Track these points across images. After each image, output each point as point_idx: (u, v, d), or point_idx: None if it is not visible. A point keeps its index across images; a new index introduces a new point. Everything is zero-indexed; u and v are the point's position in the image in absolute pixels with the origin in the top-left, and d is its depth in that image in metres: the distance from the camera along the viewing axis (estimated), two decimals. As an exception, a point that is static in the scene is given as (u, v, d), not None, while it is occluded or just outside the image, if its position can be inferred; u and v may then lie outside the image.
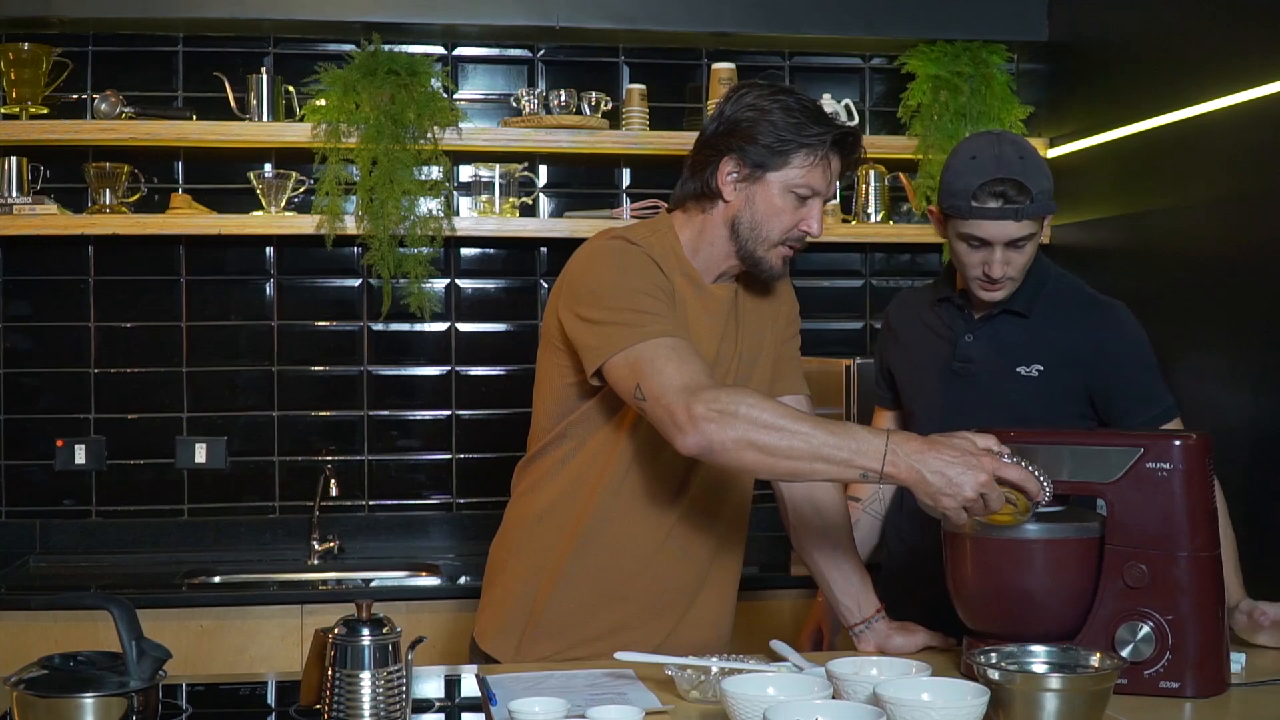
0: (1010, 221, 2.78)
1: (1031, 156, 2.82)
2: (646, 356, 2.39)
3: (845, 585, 2.78)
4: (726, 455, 2.29)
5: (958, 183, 2.81)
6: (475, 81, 4.77)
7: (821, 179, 2.56)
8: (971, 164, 2.81)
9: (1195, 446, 2.30)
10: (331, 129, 4.34)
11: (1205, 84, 3.76)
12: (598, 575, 2.63)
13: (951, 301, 3.02)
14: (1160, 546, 2.30)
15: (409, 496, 4.72)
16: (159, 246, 4.56)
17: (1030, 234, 2.81)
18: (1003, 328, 2.94)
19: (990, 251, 2.82)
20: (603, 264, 2.55)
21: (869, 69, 4.97)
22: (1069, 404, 2.90)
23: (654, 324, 2.43)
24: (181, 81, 4.58)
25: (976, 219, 2.78)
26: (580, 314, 2.51)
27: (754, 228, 2.58)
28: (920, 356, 3.06)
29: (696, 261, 2.64)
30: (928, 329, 3.06)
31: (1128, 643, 2.30)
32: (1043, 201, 2.79)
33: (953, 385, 2.97)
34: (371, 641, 2.05)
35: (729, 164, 2.58)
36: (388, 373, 4.73)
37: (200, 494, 4.61)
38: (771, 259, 2.60)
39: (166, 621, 3.78)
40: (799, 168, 2.55)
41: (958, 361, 2.97)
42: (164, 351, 4.61)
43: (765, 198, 2.56)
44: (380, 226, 4.37)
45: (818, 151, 2.54)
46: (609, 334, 2.45)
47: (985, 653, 2.22)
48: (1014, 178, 2.77)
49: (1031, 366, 2.90)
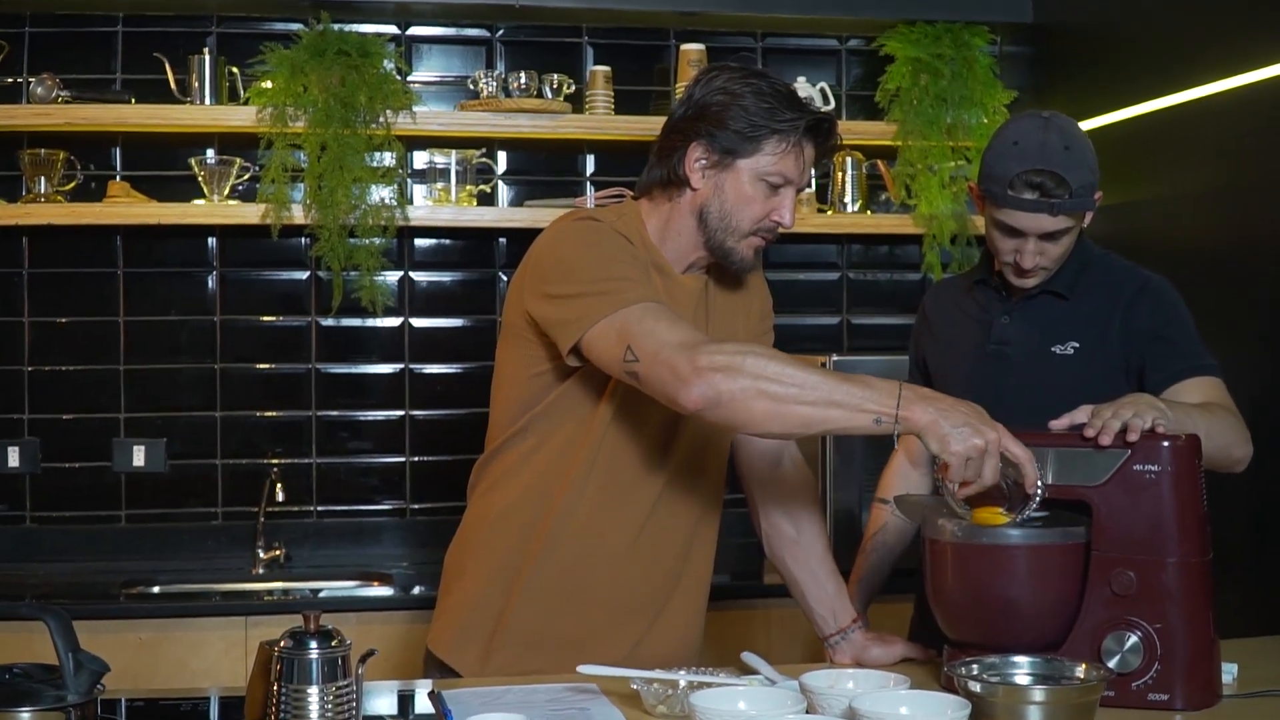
0: (1045, 215, 2.76)
1: (1078, 146, 2.80)
2: (634, 318, 2.39)
3: (819, 593, 2.79)
4: (735, 406, 2.29)
5: (996, 167, 2.80)
6: (430, 63, 4.77)
7: (795, 167, 2.57)
8: (1013, 149, 2.79)
9: (1184, 448, 2.32)
10: (278, 113, 4.33)
11: (1198, 67, 3.78)
12: (563, 579, 2.63)
13: (988, 284, 3.02)
14: (1148, 552, 2.31)
15: (360, 502, 4.72)
16: (95, 237, 4.55)
17: (1066, 228, 2.80)
18: (1041, 308, 2.94)
19: (1023, 241, 2.81)
20: (572, 241, 2.56)
21: (845, 51, 4.98)
22: (1105, 383, 2.85)
23: (636, 290, 2.44)
24: (121, 63, 4.56)
25: (1010, 209, 2.77)
26: (551, 292, 2.51)
27: (723, 217, 2.59)
28: (953, 341, 3.05)
29: (665, 251, 2.65)
30: (962, 314, 3.06)
31: (1114, 653, 2.32)
32: (1082, 197, 2.77)
33: (987, 369, 2.96)
34: (320, 655, 2.05)
35: (697, 150, 2.58)
36: (337, 370, 4.72)
37: (139, 499, 4.60)
38: (742, 250, 2.61)
39: (104, 633, 3.76)
40: (771, 155, 2.56)
41: (992, 344, 2.95)
42: (101, 348, 4.59)
43: (735, 186, 2.57)
44: (329, 216, 4.36)
45: (790, 138, 2.55)
46: (587, 305, 2.45)
47: (966, 664, 2.23)
48: (1053, 169, 2.74)
49: (1067, 344, 2.89)
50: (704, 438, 2.69)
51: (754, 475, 2.86)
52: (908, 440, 3.19)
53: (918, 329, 3.22)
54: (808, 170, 2.62)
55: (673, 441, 2.65)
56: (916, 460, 3.17)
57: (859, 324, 5.01)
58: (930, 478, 3.19)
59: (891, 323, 4.98)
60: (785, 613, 4.00)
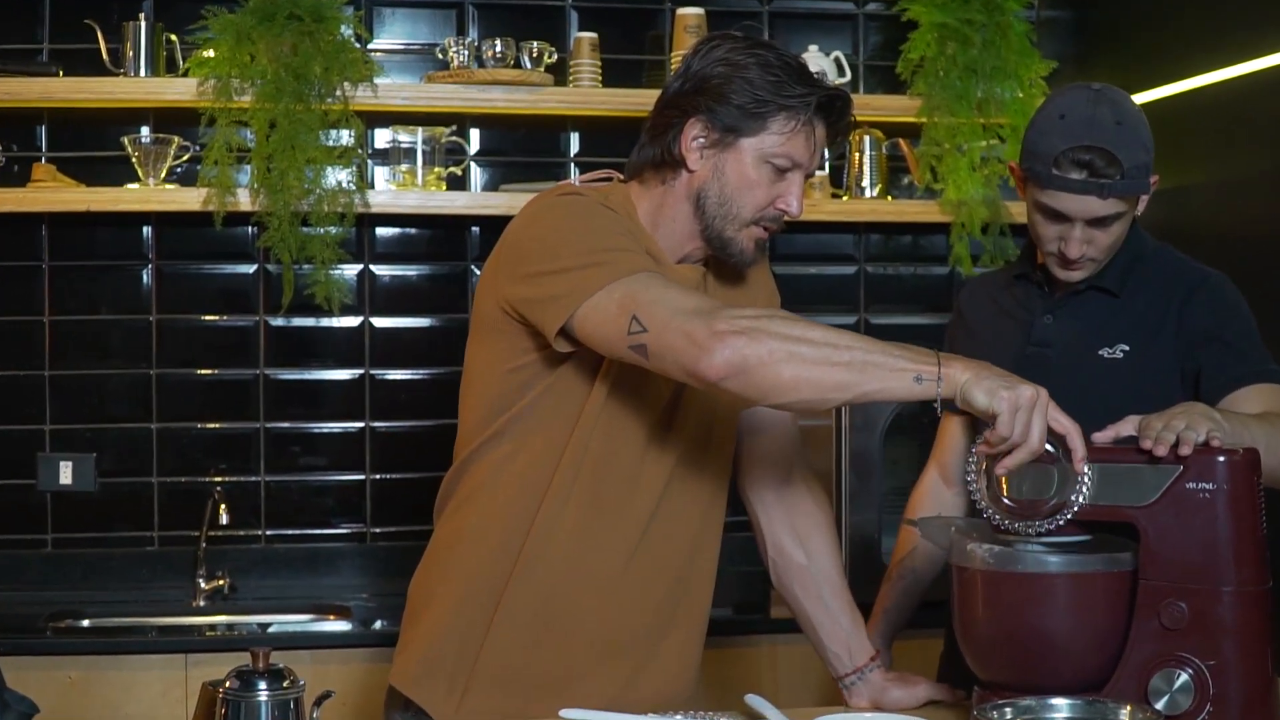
0: (1093, 197, 2.76)
1: (1131, 123, 2.78)
2: (639, 285, 2.39)
3: (833, 628, 2.80)
4: (763, 372, 2.28)
5: (1040, 143, 2.80)
6: (393, 29, 4.78)
7: (804, 149, 2.58)
8: (1059, 124, 2.78)
9: (1242, 463, 2.32)
10: (221, 85, 4.33)
11: (1258, 37, 3.80)
12: (543, 608, 2.62)
13: (1030, 279, 3.02)
14: (1201, 580, 2.32)
15: (314, 525, 4.72)
16: (17, 226, 4.55)
17: (1117, 213, 2.80)
18: (1088, 306, 2.94)
19: (1069, 228, 2.81)
20: (554, 216, 2.56)
21: (863, 16, 5.00)
22: (1157, 390, 2.85)
23: (633, 260, 2.44)
24: (48, 32, 4.57)
25: (1055, 190, 2.77)
26: (533, 270, 2.49)
27: (723, 203, 2.59)
28: (989, 342, 3.03)
29: (661, 238, 2.65)
30: (1000, 311, 3.06)
31: (1163, 693, 2.33)
32: (1135, 178, 2.76)
33: (1026, 373, 2.95)
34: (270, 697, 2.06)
35: (695, 127, 2.58)
36: (289, 376, 4.73)
37: (66, 522, 4.60)
38: (742, 241, 2.62)
39: (28, 671, 3.75)
40: (777, 134, 2.56)
41: (1032, 345, 2.96)
42: (22, 351, 4.60)
43: (737, 168, 2.58)
44: (280, 202, 4.37)
45: (800, 116, 2.56)
46: (580, 277, 2.43)
47: (998, 707, 2.25)
48: (1104, 146, 2.74)
49: (1116, 347, 2.89)
50: (704, 442, 2.69)
51: (758, 492, 2.86)
52: (941, 455, 3.21)
53: (952, 327, 3.22)
54: (818, 153, 2.63)
55: (668, 447, 2.64)
56: (951, 478, 3.18)
57: (878, 324, 5.02)
58: (965, 498, 3.20)
59: (915, 322, 4.99)
60: (794, 650, 4.01)
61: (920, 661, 3.15)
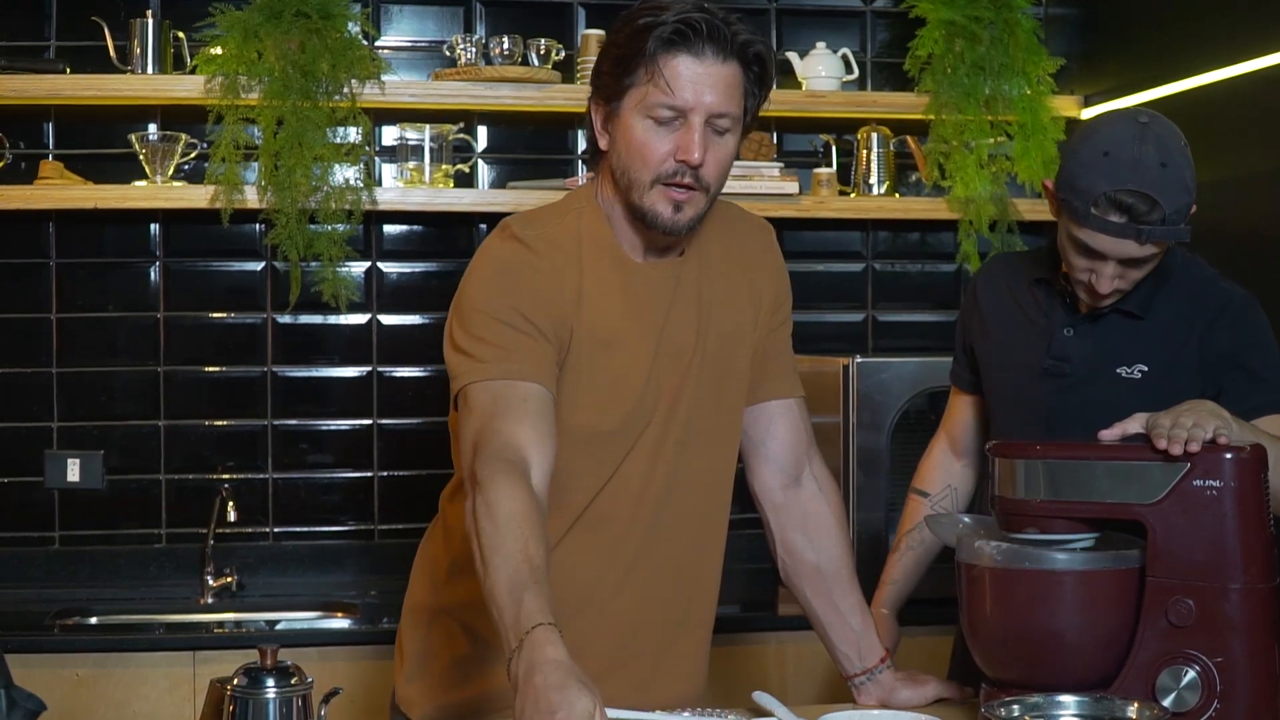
0: (1131, 241, 2.71)
1: (1176, 163, 2.73)
2: (468, 407, 2.44)
3: (843, 630, 2.79)
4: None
5: (1081, 179, 2.73)
6: (401, 26, 4.78)
7: (680, 89, 2.46)
8: (1102, 161, 2.72)
9: (1249, 460, 2.33)
10: (229, 82, 4.34)
11: (1265, 34, 3.79)
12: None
13: (1052, 286, 2.98)
14: (1209, 578, 2.32)
15: (321, 522, 4.73)
16: (25, 223, 4.55)
17: (1152, 255, 2.75)
18: (1110, 324, 2.91)
19: (1102, 265, 2.76)
20: (480, 272, 2.56)
21: (871, 13, 5.00)
22: None
23: (497, 363, 2.44)
24: (54, 29, 4.57)
25: (1092, 229, 2.72)
26: (453, 327, 2.54)
27: (623, 172, 2.53)
28: (1007, 347, 3.03)
29: (622, 235, 2.61)
30: (1020, 313, 3.03)
31: (1170, 690, 2.33)
32: (1174, 224, 2.71)
33: (1041, 386, 2.93)
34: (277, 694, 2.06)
35: (594, 110, 2.58)
36: (296, 374, 4.74)
37: (73, 519, 4.61)
38: (654, 205, 2.51)
39: (35, 669, 3.77)
40: (643, 85, 2.48)
41: (1051, 359, 2.93)
42: (29, 348, 4.60)
43: (624, 134, 2.51)
44: (287, 199, 4.37)
45: (657, 59, 2.46)
46: (463, 363, 2.48)
47: (1006, 704, 2.26)
48: (1146, 191, 2.68)
49: (1135, 367, 2.86)
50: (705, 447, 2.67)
51: (768, 492, 2.83)
52: (951, 427, 3.22)
53: (966, 313, 3.19)
54: (695, 88, 2.47)
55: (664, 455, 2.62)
56: (960, 450, 3.19)
57: (886, 321, 5.02)
58: (974, 469, 3.21)
59: (923, 319, 4.99)
60: (801, 647, 4.02)
61: (927, 659, 3.16)
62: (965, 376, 3.19)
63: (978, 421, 3.19)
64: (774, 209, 4.54)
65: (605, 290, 2.56)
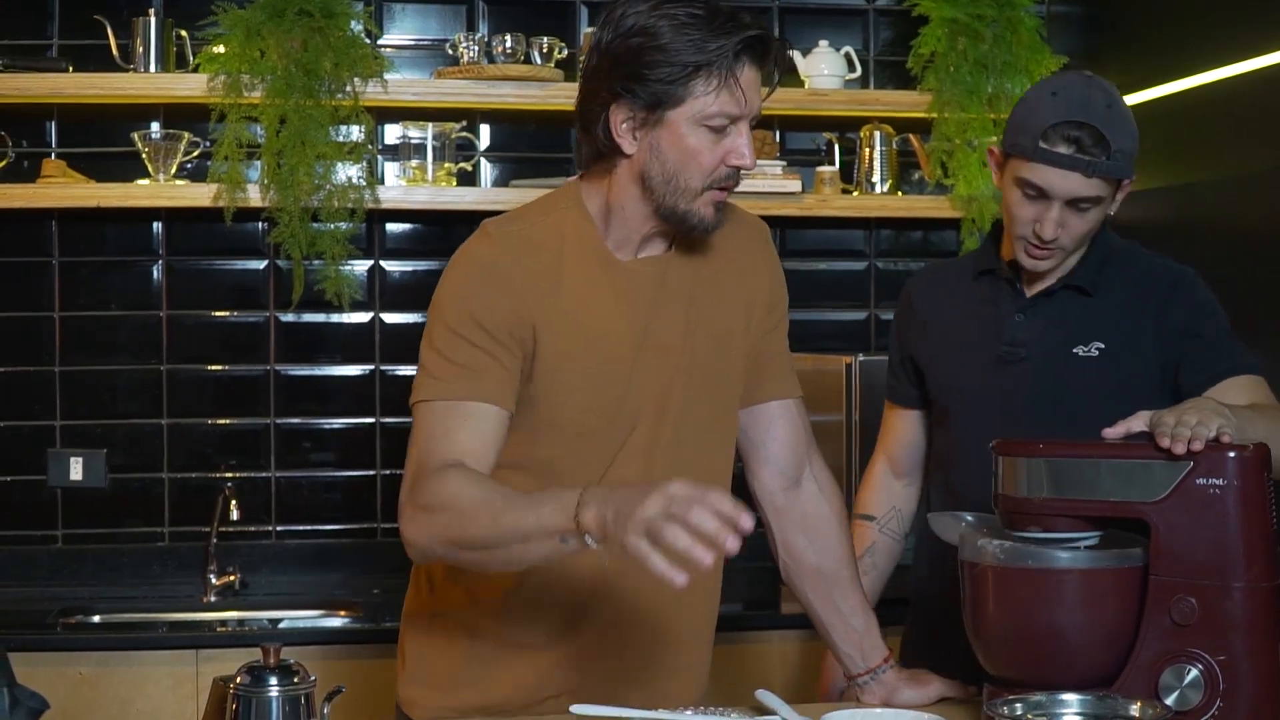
0: (1078, 175, 2.78)
1: (1120, 110, 2.83)
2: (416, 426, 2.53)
3: (846, 630, 2.78)
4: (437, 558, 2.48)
5: (1029, 119, 2.82)
6: (403, 24, 4.79)
7: (738, 100, 2.45)
8: (1051, 100, 2.81)
9: (1252, 459, 2.33)
10: (231, 81, 4.34)
11: (1268, 33, 3.79)
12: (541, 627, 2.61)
13: (997, 274, 3.02)
14: (1212, 576, 2.32)
15: (324, 520, 4.73)
16: (27, 222, 4.56)
17: (1097, 196, 2.82)
18: (1061, 305, 2.95)
19: (1046, 207, 2.82)
20: (449, 275, 2.59)
21: (874, 11, 5.00)
22: (1134, 388, 2.89)
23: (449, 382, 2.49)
24: (57, 28, 4.58)
25: (1040, 163, 2.78)
26: (427, 332, 2.59)
27: (668, 179, 2.48)
28: (955, 341, 3.05)
29: (612, 234, 2.58)
30: (966, 309, 3.06)
31: (1173, 689, 2.33)
32: (1120, 162, 2.79)
33: (998, 373, 2.96)
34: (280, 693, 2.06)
35: (620, 112, 2.49)
36: (299, 372, 4.74)
37: (76, 517, 4.62)
38: (699, 211, 2.50)
39: (38, 667, 3.76)
40: (703, 96, 2.44)
41: (1005, 346, 2.96)
42: (32, 347, 4.61)
43: (673, 141, 2.47)
44: (290, 198, 4.38)
45: (721, 70, 2.43)
46: (420, 377, 2.55)
47: (1009, 702, 2.26)
48: (1094, 124, 2.77)
49: (1091, 345, 2.91)
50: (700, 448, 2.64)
51: (768, 494, 2.81)
52: (889, 447, 3.24)
53: (901, 325, 3.23)
54: (755, 96, 2.49)
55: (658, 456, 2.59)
56: (900, 469, 3.21)
57: (889, 320, 5.01)
58: (915, 488, 3.24)
59: (925, 318, 4.99)
60: (804, 645, 4.02)
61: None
62: (906, 391, 3.21)
63: (918, 438, 3.23)
64: (777, 207, 4.55)
65: (588, 286, 2.55)
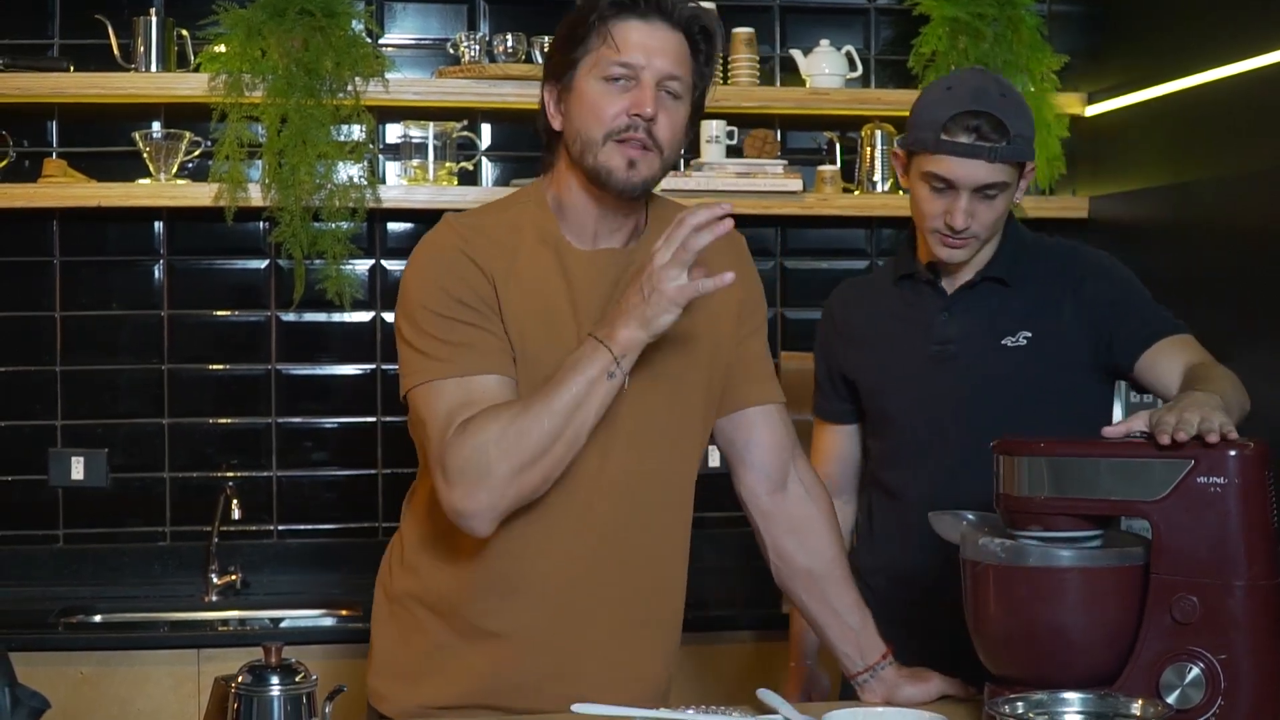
0: (981, 162, 2.86)
1: (1014, 97, 2.93)
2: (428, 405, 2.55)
3: (842, 629, 2.78)
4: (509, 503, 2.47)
5: (928, 113, 2.91)
6: (405, 24, 4.79)
7: (627, 50, 2.52)
8: (946, 95, 2.91)
9: (1252, 457, 2.33)
10: (232, 80, 4.34)
11: (1267, 32, 3.79)
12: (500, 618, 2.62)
13: (917, 277, 3.09)
14: (1213, 575, 2.32)
15: (325, 520, 4.73)
16: (28, 221, 4.56)
17: (1003, 183, 2.90)
18: (982, 298, 3.03)
19: (955, 198, 2.90)
20: (415, 266, 2.62)
21: (875, 10, 5.00)
22: (1064, 372, 2.99)
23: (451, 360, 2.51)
24: (58, 27, 4.58)
25: (944, 154, 2.87)
26: (400, 325, 2.61)
27: (576, 137, 2.56)
28: (887, 350, 3.12)
29: (567, 224, 2.62)
30: (891, 316, 3.13)
31: (1174, 687, 2.33)
32: (1020, 145, 2.88)
33: (933, 373, 3.04)
34: (282, 692, 2.07)
35: (550, 94, 2.61)
36: (300, 372, 4.74)
37: (77, 517, 4.62)
38: (608, 162, 2.53)
39: (39, 667, 3.77)
40: (595, 50, 2.54)
41: (935, 345, 3.03)
42: (34, 347, 4.61)
43: (579, 100, 2.56)
44: (291, 197, 4.38)
45: (606, 20, 2.53)
46: (409, 362, 2.58)
47: (1010, 701, 2.26)
48: (991, 112, 2.86)
49: (1019, 335, 2.99)
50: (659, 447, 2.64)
51: (754, 498, 2.80)
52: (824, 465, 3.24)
53: (827, 344, 3.26)
54: (666, 55, 2.54)
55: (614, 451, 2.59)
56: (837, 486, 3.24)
57: (889, 318, 5.02)
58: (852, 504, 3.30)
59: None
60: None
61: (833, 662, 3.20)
62: (837, 407, 3.23)
63: (852, 452, 3.28)
64: (778, 206, 4.55)
65: (541, 270, 2.58)
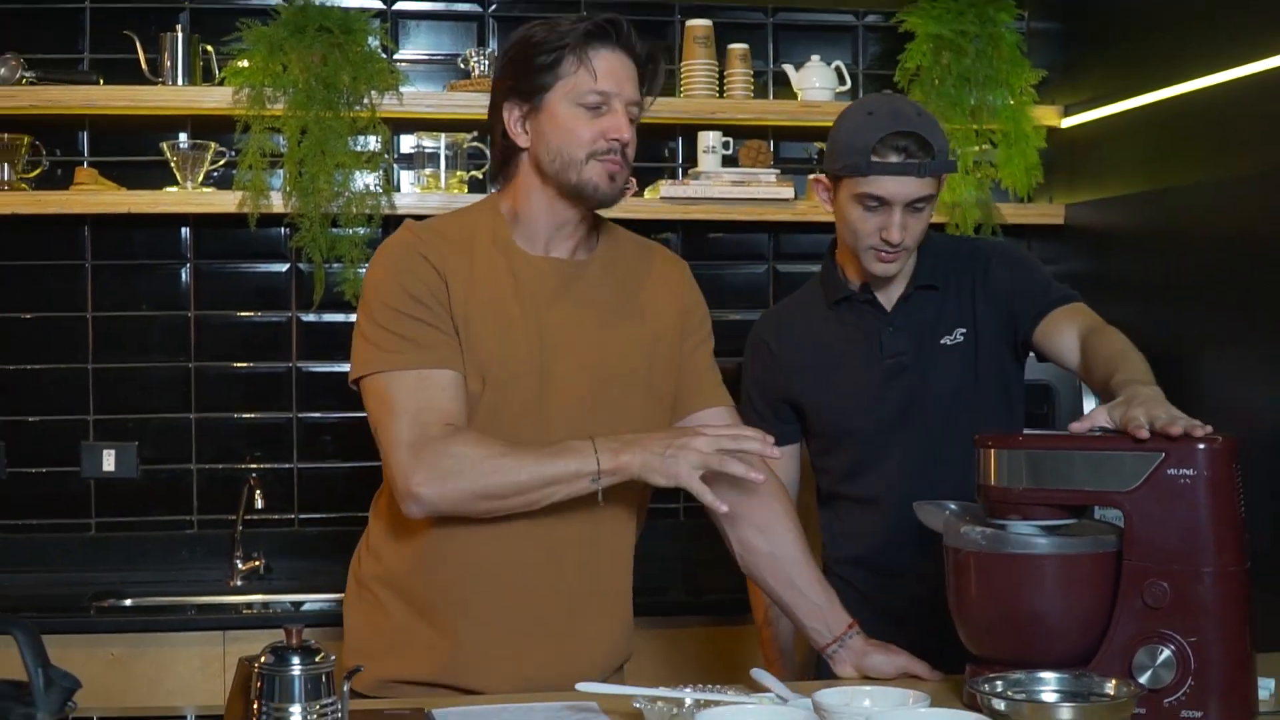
0: (912, 179, 2.90)
1: (927, 115, 2.98)
2: (389, 395, 2.55)
3: (809, 607, 2.79)
4: (450, 509, 2.51)
5: (855, 139, 2.93)
6: (418, 40, 4.79)
7: (603, 79, 2.60)
8: (869, 120, 2.93)
9: (1221, 451, 2.33)
10: (255, 94, 4.35)
11: (1241, 45, 3.79)
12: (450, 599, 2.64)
13: (855, 299, 3.12)
14: (1183, 562, 2.32)
15: (344, 508, 4.73)
16: (61, 227, 4.56)
17: (930, 195, 2.96)
18: (919, 306, 3.08)
19: (889, 214, 2.94)
20: (375, 265, 2.66)
21: (863, 27, 5.00)
22: (995, 359, 3.06)
23: (408, 353, 2.54)
24: (88, 42, 4.58)
25: (877, 175, 2.91)
26: (359, 319, 2.64)
27: (554, 157, 2.62)
28: (842, 372, 3.13)
29: (520, 230, 2.68)
30: (835, 340, 3.16)
31: (1146, 668, 2.33)
32: (943, 159, 2.93)
33: (889, 385, 3.08)
34: (303, 671, 2.07)
35: (510, 110, 2.65)
36: (320, 369, 4.74)
37: (108, 506, 4.62)
38: (591, 179, 2.61)
39: (72, 648, 3.77)
40: (572, 75, 2.60)
41: (888, 358, 3.07)
42: (67, 346, 4.61)
43: (552, 122, 2.61)
44: (311, 204, 4.38)
45: (580, 50, 2.59)
46: (363, 352, 2.59)
47: (990, 680, 2.26)
48: (915, 131, 2.91)
49: (955, 333, 3.05)
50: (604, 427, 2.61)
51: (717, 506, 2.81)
52: None
53: (766, 375, 3.24)
54: (623, 79, 2.64)
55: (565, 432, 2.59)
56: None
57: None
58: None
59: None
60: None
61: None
62: (778, 429, 3.08)
63: (794, 471, 3.26)
64: (771, 212, 4.54)
65: (491, 272, 2.63)
